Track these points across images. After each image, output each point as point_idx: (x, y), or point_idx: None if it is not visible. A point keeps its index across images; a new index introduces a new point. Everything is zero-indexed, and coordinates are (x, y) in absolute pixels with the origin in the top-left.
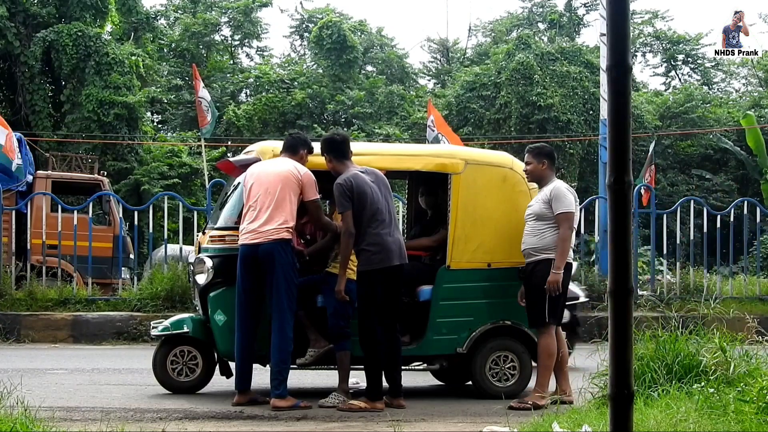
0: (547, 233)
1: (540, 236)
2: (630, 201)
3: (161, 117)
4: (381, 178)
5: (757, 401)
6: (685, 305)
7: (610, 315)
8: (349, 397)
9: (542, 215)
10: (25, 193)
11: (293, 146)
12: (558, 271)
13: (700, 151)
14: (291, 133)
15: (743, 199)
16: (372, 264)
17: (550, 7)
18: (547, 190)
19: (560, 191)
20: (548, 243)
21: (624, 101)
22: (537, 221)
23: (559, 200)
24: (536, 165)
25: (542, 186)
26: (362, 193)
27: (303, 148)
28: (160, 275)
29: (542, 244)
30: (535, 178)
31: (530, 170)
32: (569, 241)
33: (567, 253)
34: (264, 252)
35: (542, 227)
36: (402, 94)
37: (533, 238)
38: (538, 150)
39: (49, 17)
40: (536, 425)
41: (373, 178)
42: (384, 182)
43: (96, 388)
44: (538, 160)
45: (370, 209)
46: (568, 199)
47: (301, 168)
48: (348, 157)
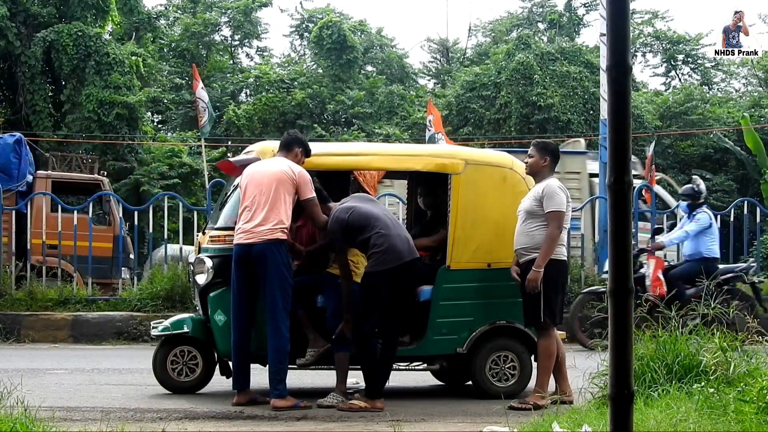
0: (537, 232)
1: (530, 236)
2: (630, 201)
3: (161, 117)
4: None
5: (757, 401)
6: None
7: (610, 315)
8: (348, 397)
9: (533, 212)
10: (25, 193)
11: (288, 144)
12: (538, 269)
13: (700, 151)
14: (288, 131)
15: (743, 199)
16: (383, 264)
17: (550, 7)
18: (539, 187)
19: (552, 189)
20: (539, 242)
21: (624, 101)
22: (527, 219)
23: (550, 198)
24: (538, 159)
25: (537, 182)
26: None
27: (298, 147)
28: (160, 275)
29: (533, 243)
30: (533, 171)
31: (531, 162)
32: (556, 240)
33: (551, 251)
34: (257, 252)
35: (532, 226)
36: (402, 94)
37: (524, 237)
38: (544, 145)
39: (49, 17)
40: (536, 425)
41: (355, 202)
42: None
43: (96, 388)
44: (542, 155)
45: (364, 220)
46: (559, 198)
47: (296, 167)
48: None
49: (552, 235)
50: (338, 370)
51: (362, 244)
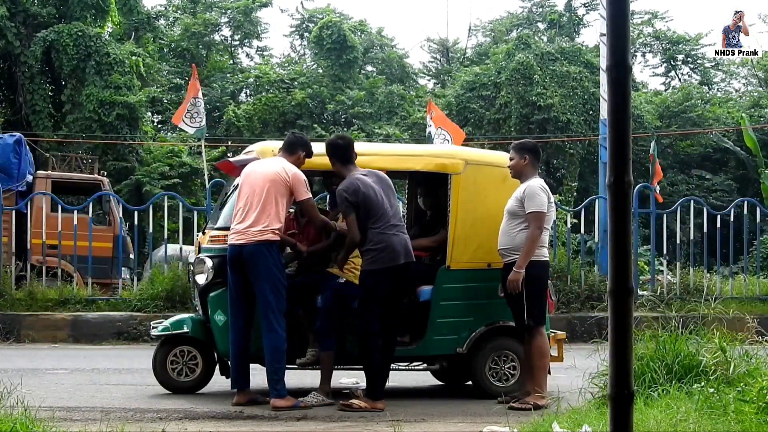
0: (517, 233)
1: (511, 236)
2: (630, 201)
3: (162, 117)
4: (384, 179)
5: (757, 401)
6: (685, 305)
7: (610, 315)
8: (330, 398)
9: (514, 213)
10: (25, 193)
11: (292, 145)
12: (519, 269)
13: (700, 151)
14: (294, 132)
15: (743, 199)
16: (378, 263)
17: (550, 7)
18: (521, 188)
19: (533, 190)
20: (519, 243)
21: (624, 101)
22: (509, 220)
23: (531, 199)
24: (518, 160)
25: (522, 182)
26: (366, 196)
27: (302, 150)
28: (160, 275)
29: (513, 245)
30: (516, 173)
31: (512, 165)
32: (537, 241)
33: (532, 252)
34: (248, 253)
35: (513, 226)
36: (402, 94)
37: (505, 237)
38: (521, 145)
39: (49, 17)
40: (536, 425)
41: (375, 180)
42: (387, 183)
43: (96, 388)
44: (520, 155)
45: (374, 211)
46: (540, 198)
47: (290, 168)
48: (352, 161)
49: (532, 236)
50: (323, 370)
51: (361, 223)
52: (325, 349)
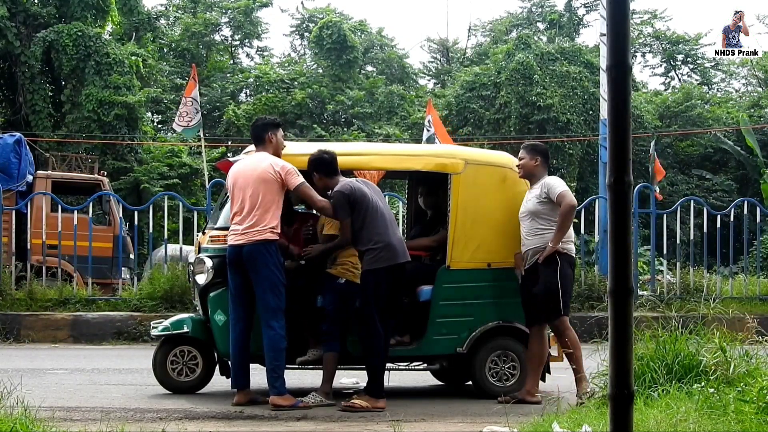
0: (547, 232)
1: (540, 236)
2: (630, 201)
3: (161, 117)
4: (371, 184)
5: (757, 401)
6: (685, 305)
7: (610, 315)
8: (330, 399)
9: (538, 212)
10: (25, 193)
11: (258, 136)
12: (555, 244)
13: (700, 151)
14: (252, 123)
15: (743, 199)
16: (380, 262)
17: (549, 7)
18: (537, 187)
19: (551, 181)
20: (549, 240)
21: (624, 101)
22: (534, 220)
23: (554, 186)
24: (528, 161)
25: (533, 183)
26: (362, 197)
27: (269, 130)
28: (160, 275)
29: (543, 243)
30: (526, 173)
31: (522, 165)
32: (571, 215)
33: (567, 227)
34: (247, 253)
35: (540, 226)
36: (402, 94)
37: (534, 238)
38: (533, 146)
39: (49, 17)
40: (536, 425)
41: (365, 184)
42: (376, 189)
43: (96, 388)
44: (532, 155)
45: (371, 210)
46: (562, 183)
47: (277, 162)
48: (338, 172)
49: (569, 209)
50: (325, 371)
51: (358, 233)
52: (329, 350)
